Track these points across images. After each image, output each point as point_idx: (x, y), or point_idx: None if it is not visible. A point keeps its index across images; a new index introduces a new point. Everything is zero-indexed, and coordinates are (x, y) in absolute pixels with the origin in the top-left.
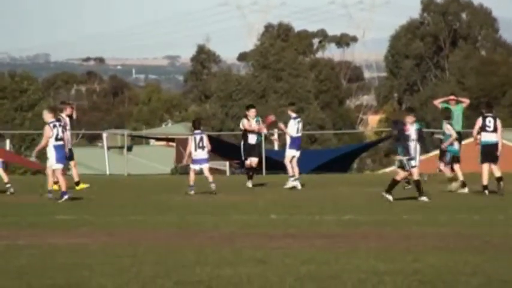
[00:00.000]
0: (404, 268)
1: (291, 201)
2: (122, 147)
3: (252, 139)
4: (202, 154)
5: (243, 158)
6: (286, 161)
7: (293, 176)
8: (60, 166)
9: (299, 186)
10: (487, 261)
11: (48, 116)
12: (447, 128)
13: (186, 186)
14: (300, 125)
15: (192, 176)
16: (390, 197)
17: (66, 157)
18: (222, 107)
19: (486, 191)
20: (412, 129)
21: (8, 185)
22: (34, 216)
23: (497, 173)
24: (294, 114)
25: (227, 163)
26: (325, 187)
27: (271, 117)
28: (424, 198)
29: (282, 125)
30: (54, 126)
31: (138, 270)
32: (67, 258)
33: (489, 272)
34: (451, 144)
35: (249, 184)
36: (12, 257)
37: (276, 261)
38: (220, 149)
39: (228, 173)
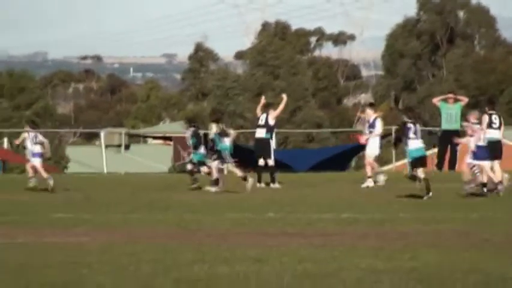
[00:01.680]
0: (401, 266)
1: (289, 199)
2: (119, 146)
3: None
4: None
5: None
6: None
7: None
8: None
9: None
10: (484, 258)
11: None
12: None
13: (185, 184)
14: None
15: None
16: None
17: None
18: (219, 105)
19: (485, 189)
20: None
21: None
22: (32, 214)
23: (499, 176)
24: (374, 114)
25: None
26: (323, 185)
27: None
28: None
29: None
30: None
31: (137, 268)
32: (65, 256)
33: (487, 269)
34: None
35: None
36: (11, 255)
37: (272, 260)
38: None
39: (225, 171)
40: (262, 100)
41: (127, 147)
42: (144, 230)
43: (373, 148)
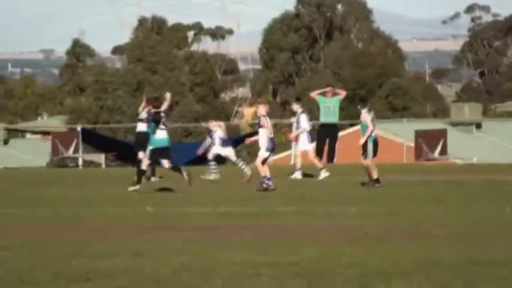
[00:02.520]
0: (280, 260)
1: (167, 193)
2: None
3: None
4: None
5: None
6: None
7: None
8: None
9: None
10: (364, 252)
11: None
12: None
13: (62, 179)
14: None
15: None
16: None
17: None
18: (96, 100)
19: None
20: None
21: None
22: None
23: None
24: (300, 109)
25: (103, 156)
26: (201, 180)
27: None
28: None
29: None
30: None
31: (14, 264)
32: None
33: (366, 263)
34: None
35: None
36: None
37: (150, 254)
38: (96, 142)
39: (103, 166)
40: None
41: (6, 142)
42: (21, 225)
43: (303, 143)
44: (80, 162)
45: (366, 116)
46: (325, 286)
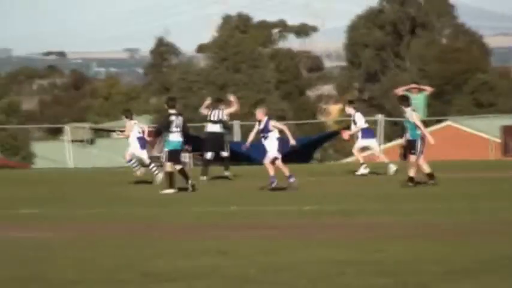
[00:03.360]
0: (366, 258)
1: (252, 192)
2: (84, 141)
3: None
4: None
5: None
6: None
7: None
8: None
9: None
10: (449, 249)
11: None
12: (413, 116)
13: (150, 179)
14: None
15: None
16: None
17: None
18: (181, 99)
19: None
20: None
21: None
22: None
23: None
24: (353, 110)
25: (188, 155)
26: (285, 178)
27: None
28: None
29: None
30: None
31: (101, 262)
32: (29, 251)
33: (451, 260)
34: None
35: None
36: None
37: (237, 252)
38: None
39: (191, 165)
40: (207, 101)
41: (91, 141)
42: (107, 225)
43: (364, 140)
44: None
45: (413, 114)
46: (411, 284)
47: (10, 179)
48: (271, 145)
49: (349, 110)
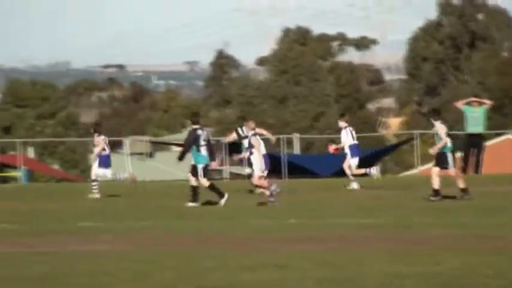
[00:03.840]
0: (425, 271)
1: (310, 205)
2: (143, 154)
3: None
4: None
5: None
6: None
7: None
8: None
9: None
10: (507, 263)
11: None
12: (440, 129)
13: (207, 191)
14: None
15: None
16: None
17: None
18: (241, 113)
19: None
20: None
21: None
22: (56, 223)
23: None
24: (344, 124)
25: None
26: (346, 190)
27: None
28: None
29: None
30: None
31: (159, 276)
32: (88, 264)
33: (509, 273)
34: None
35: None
36: (34, 263)
37: (295, 266)
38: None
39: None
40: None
41: (151, 155)
42: (166, 238)
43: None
44: (226, 174)
45: (441, 127)
46: None
47: (68, 192)
48: (256, 162)
49: (341, 123)
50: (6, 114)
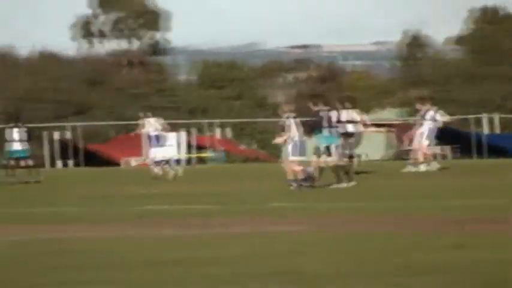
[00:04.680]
0: None
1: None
2: None
3: None
4: None
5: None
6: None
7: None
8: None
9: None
10: None
11: None
12: None
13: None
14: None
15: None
16: None
17: None
18: (435, 93)
19: None
20: None
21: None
22: (249, 203)
23: None
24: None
25: (447, 147)
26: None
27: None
28: None
29: None
30: None
31: (355, 255)
32: (283, 245)
33: None
34: None
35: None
36: (226, 244)
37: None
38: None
39: (449, 157)
40: None
41: None
42: (359, 218)
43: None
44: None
45: None
46: None
47: (259, 171)
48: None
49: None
50: (201, 95)
